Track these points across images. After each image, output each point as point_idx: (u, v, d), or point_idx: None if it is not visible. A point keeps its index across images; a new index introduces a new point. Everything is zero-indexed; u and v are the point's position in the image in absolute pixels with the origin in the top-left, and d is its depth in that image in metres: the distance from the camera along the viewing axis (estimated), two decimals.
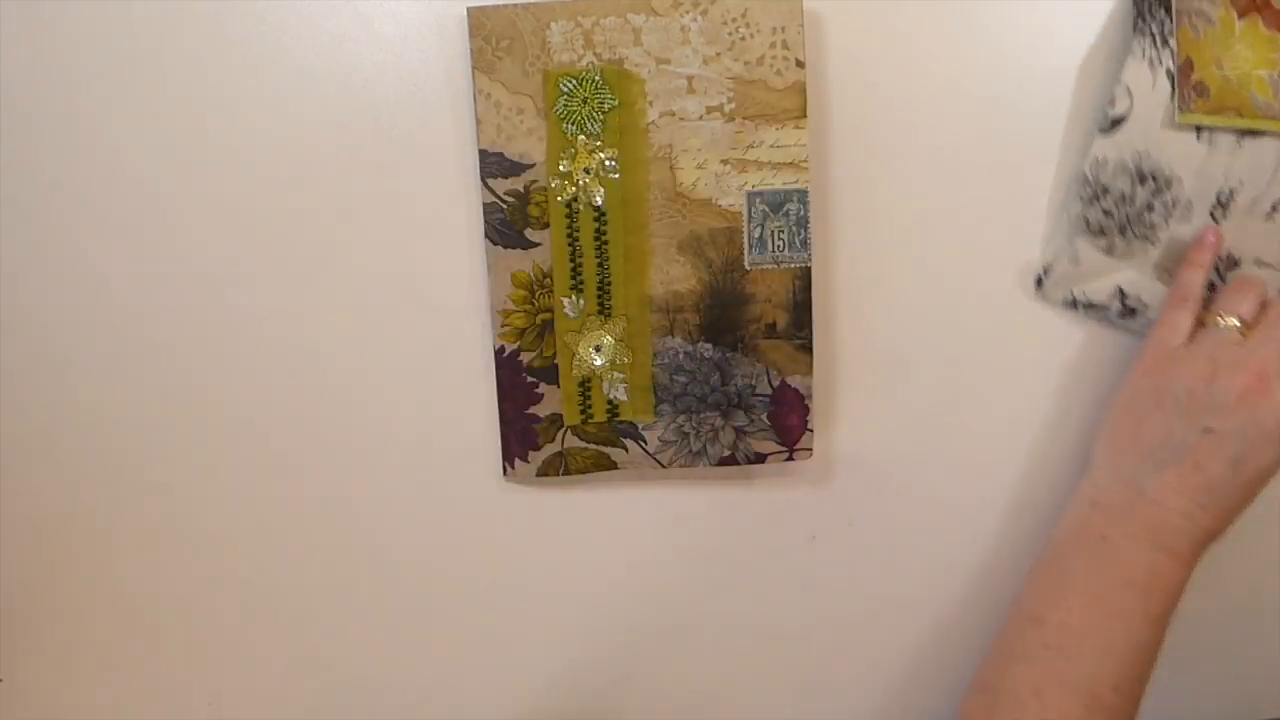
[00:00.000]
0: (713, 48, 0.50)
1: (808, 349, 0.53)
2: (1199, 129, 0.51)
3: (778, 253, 0.52)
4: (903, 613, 0.59)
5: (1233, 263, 0.53)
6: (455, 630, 0.58)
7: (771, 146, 0.51)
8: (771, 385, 0.53)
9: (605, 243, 0.52)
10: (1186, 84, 0.50)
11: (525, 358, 0.53)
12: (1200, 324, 0.51)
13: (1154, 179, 0.52)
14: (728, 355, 0.53)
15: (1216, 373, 0.48)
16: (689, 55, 0.50)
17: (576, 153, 0.51)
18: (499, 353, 0.53)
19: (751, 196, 0.51)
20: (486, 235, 0.52)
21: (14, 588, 0.56)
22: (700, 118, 0.51)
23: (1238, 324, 0.50)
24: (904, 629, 0.60)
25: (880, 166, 0.54)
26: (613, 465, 0.54)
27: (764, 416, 0.54)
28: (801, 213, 0.52)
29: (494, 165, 0.51)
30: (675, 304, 0.52)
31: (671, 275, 0.52)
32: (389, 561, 0.57)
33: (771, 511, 0.58)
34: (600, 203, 0.51)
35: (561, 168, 0.51)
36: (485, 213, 0.52)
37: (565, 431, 0.54)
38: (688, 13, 0.50)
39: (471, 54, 0.50)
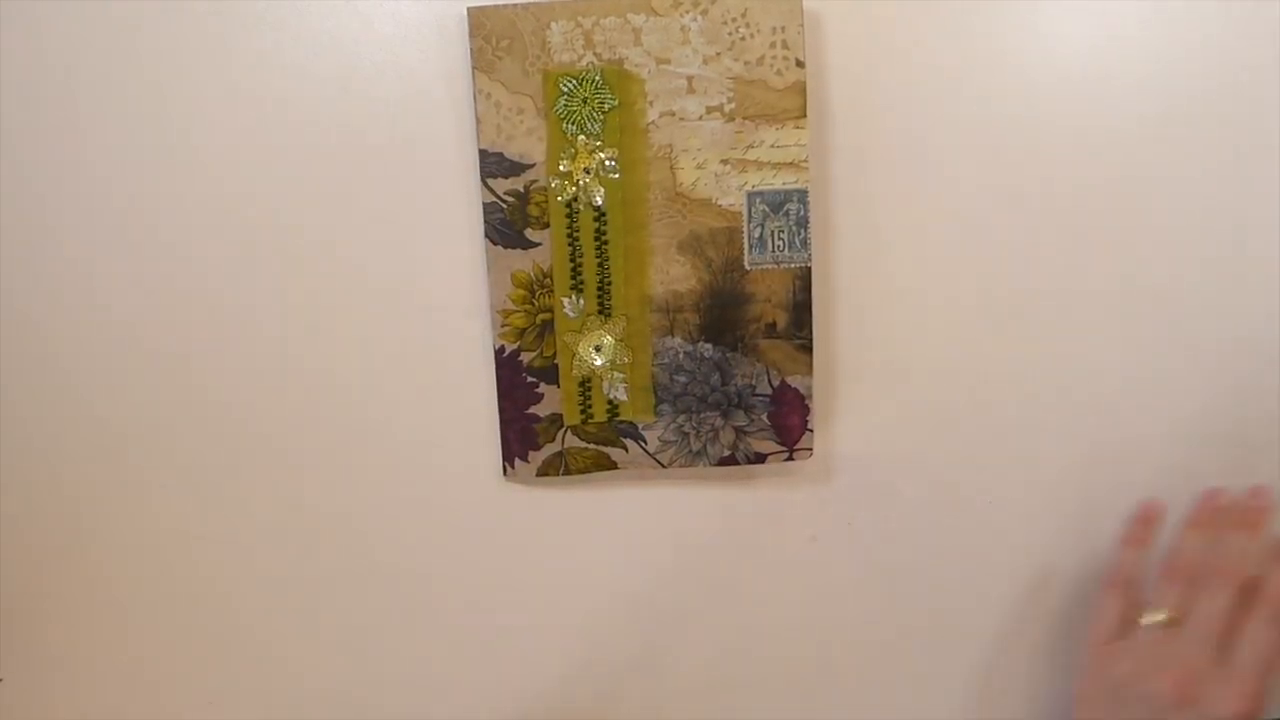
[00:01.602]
0: (713, 48, 0.50)
1: (808, 349, 0.53)
2: None
3: (778, 253, 0.52)
4: (902, 612, 0.59)
5: None
6: (455, 629, 0.58)
7: (771, 146, 0.51)
8: (771, 385, 0.53)
9: (605, 243, 0.52)
10: None
11: (525, 357, 0.53)
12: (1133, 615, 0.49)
13: None
14: (728, 355, 0.53)
15: (1145, 674, 0.46)
16: (689, 55, 0.50)
17: (576, 153, 0.51)
18: (499, 352, 0.53)
19: (751, 196, 0.51)
20: (486, 235, 0.52)
21: (14, 588, 0.56)
22: (700, 118, 0.51)
23: (1163, 618, 0.48)
24: (904, 628, 0.60)
25: (880, 166, 0.54)
26: (613, 465, 0.54)
27: (764, 416, 0.54)
28: (801, 213, 0.52)
29: (494, 165, 0.51)
30: (675, 304, 0.52)
31: (671, 275, 0.52)
32: (389, 561, 0.57)
33: (771, 511, 0.58)
34: (600, 202, 0.51)
35: (561, 167, 0.51)
36: (485, 213, 0.52)
37: (565, 431, 0.54)
38: (688, 13, 0.50)
39: (471, 54, 0.50)
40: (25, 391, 0.54)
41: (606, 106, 0.50)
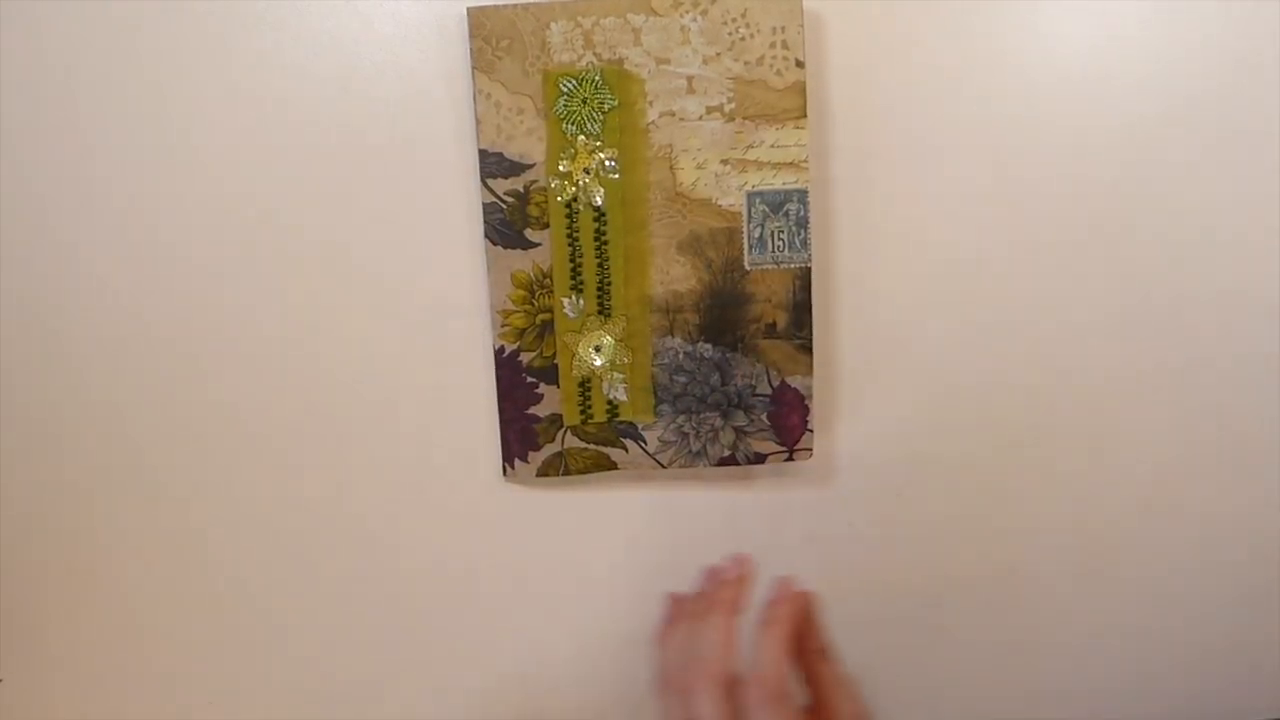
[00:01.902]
0: (713, 48, 0.50)
1: (808, 349, 0.53)
2: None
3: (777, 253, 0.52)
4: (902, 612, 0.59)
5: None
6: (455, 629, 0.58)
7: (771, 146, 0.51)
8: (771, 385, 0.53)
9: (605, 243, 0.52)
10: None
11: (525, 358, 0.53)
12: None
13: None
14: (728, 355, 0.53)
15: None
16: (689, 55, 0.50)
17: (576, 153, 0.51)
18: (499, 353, 0.53)
19: (751, 196, 0.51)
20: (486, 235, 0.52)
21: (14, 588, 0.56)
22: (700, 118, 0.51)
23: None
24: (903, 629, 0.60)
25: (880, 166, 0.54)
26: (612, 465, 0.54)
27: (764, 416, 0.54)
28: (801, 213, 0.52)
29: (494, 165, 0.51)
30: (675, 304, 0.52)
31: (671, 275, 0.52)
32: (389, 561, 0.57)
33: (771, 511, 0.58)
34: (600, 203, 0.51)
35: (561, 168, 0.51)
36: (485, 213, 0.51)
37: (565, 431, 0.54)
38: (688, 13, 0.50)
39: (471, 54, 0.50)
40: (25, 392, 0.54)
41: (606, 106, 0.50)
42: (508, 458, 0.54)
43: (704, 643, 0.45)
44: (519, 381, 0.53)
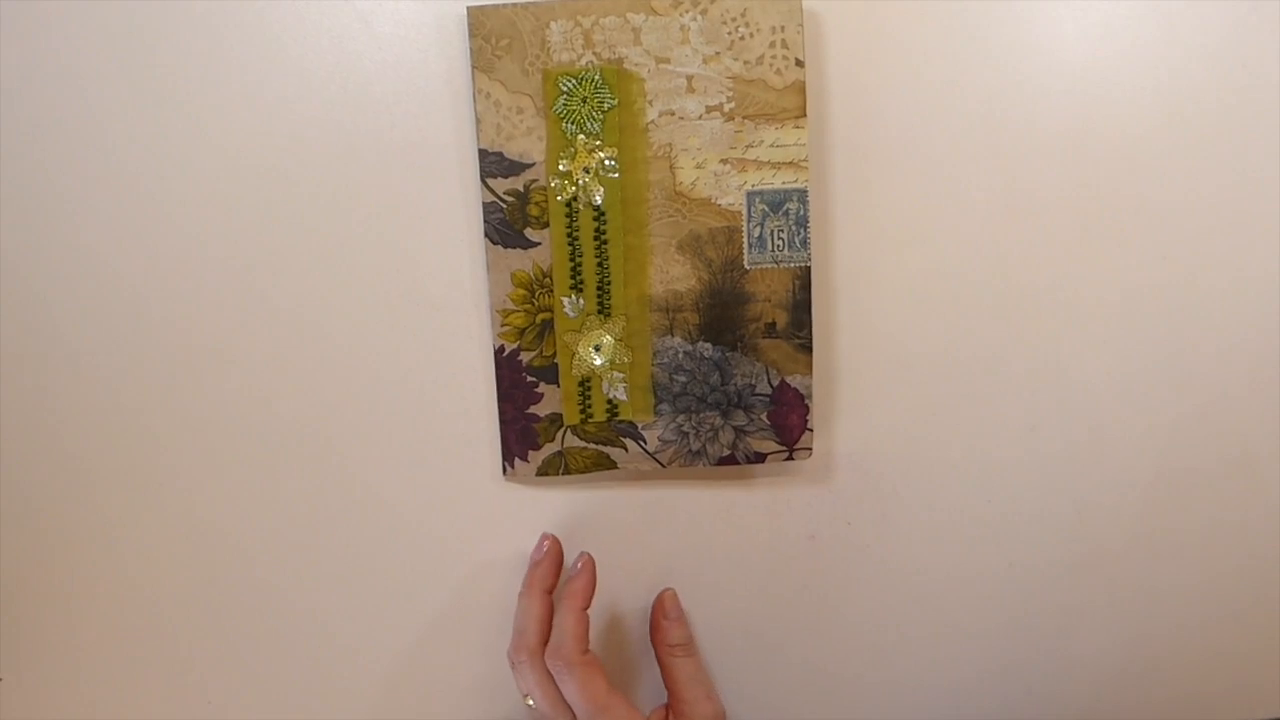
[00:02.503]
0: (712, 47, 0.50)
1: (807, 349, 0.53)
2: None
3: (777, 252, 0.52)
4: (902, 612, 0.59)
5: None
6: (455, 630, 0.58)
7: (771, 146, 0.51)
8: (771, 385, 0.53)
9: (605, 242, 0.52)
10: None
11: (525, 357, 0.53)
12: None
13: None
14: (727, 355, 0.53)
15: None
16: (688, 55, 0.50)
17: (576, 152, 0.51)
18: (499, 352, 0.53)
19: (751, 196, 0.51)
20: (486, 235, 0.52)
21: (14, 588, 0.56)
22: (700, 117, 0.51)
23: (531, 704, 0.50)
24: (903, 629, 0.60)
25: (880, 166, 0.54)
26: (612, 465, 0.54)
27: (763, 416, 0.54)
28: (801, 212, 0.52)
29: (494, 165, 0.51)
30: (675, 303, 0.52)
31: (671, 275, 0.52)
32: (388, 561, 0.57)
33: (771, 511, 0.58)
34: (600, 202, 0.51)
35: (561, 167, 0.51)
36: (485, 212, 0.52)
37: (565, 431, 0.54)
38: (687, 12, 0.50)
39: (471, 53, 0.50)
40: (25, 390, 0.54)
41: (606, 106, 0.50)
42: (507, 457, 0.54)
43: (523, 621, 0.51)
44: (519, 381, 0.53)
